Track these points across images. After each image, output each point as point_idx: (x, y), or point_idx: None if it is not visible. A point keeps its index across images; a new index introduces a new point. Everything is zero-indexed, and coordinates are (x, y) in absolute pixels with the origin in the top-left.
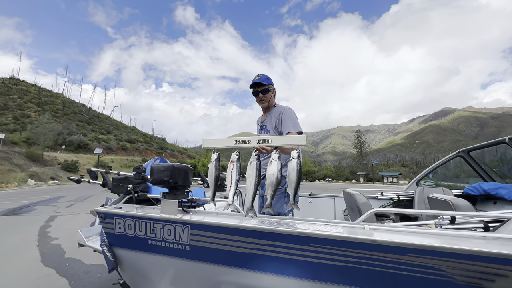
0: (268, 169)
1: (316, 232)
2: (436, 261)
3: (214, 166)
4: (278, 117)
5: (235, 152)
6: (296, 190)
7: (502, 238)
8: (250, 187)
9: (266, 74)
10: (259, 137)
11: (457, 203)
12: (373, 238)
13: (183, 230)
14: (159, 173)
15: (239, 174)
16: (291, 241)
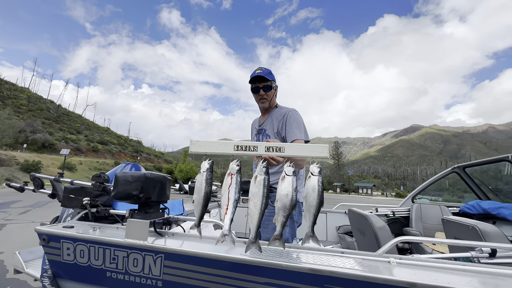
0: (280, 187)
1: (333, 269)
2: None
3: (205, 179)
4: (281, 120)
5: (235, 161)
6: (316, 217)
7: (499, 268)
8: (254, 211)
9: (269, 69)
10: (269, 144)
11: (485, 229)
12: (411, 281)
13: (154, 260)
14: (126, 184)
15: (239, 192)
16: (300, 280)
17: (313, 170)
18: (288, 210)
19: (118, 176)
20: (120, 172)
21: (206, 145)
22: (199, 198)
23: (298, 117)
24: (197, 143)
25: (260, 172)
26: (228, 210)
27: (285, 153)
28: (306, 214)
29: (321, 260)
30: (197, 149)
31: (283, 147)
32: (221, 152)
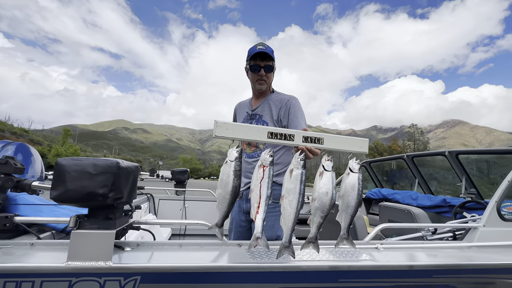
0: (319, 184)
1: (350, 263)
2: (449, 278)
3: (233, 170)
4: (283, 107)
5: (267, 151)
6: (353, 218)
7: (475, 246)
8: (290, 210)
9: (271, 47)
10: (307, 133)
11: (416, 212)
12: (410, 264)
13: (122, 286)
14: (84, 178)
15: (271, 187)
16: (323, 279)
17: (353, 167)
18: (327, 210)
19: (65, 165)
20: (63, 159)
21: (235, 129)
22: (225, 193)
23: (301, 106)
24: (224, 126)
25: (297, 165)
26: (259, 209)
27: (324, 145)
28: (342, 214)
29: (327, 256)
30: (223, 132)
31: (322, 138)
32: (252, 138)
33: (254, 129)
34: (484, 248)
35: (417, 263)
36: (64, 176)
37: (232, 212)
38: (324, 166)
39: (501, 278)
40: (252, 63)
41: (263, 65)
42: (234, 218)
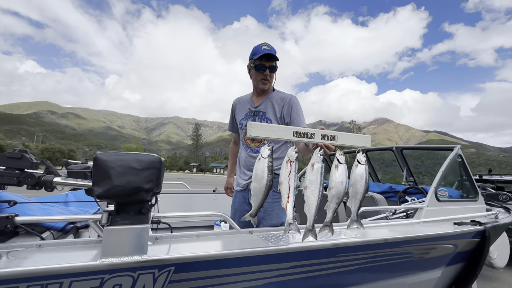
0: (335, 175)
1: (346, 240)
2: (409, 247)
3: (267, 166)
4: (285, 105)
5: (293, 148)
6: (361, 203)
7: (423, 222)
8: (312, 198)
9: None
10: (324, 132)
11: (377, 197)
12: (388, 237)
13: (155, 278)
14: (130, 173)
15: (296, 180)
16: (326, 255)
17: (360, 159)
18: (342, 197)
19: (107, 160)
20: (103, 154)
21: (266, 129)
22: (260, 187)
23: (300, 105)
24: (257, 126)
25: (318, 159)
26: (289, 198)
27: (337, 141)
28: (352, 200)
29: (326, 237)
30: (257, 132)
31: (336, 136)
32: (280, 137)
33: (282, 129)
34: (428, 223)
35: (390, 237)
36: (108, 171)
37: (235, 202)
38: (339, 160)
39: (440, 244)
40: (258, 63)
41: (268, 66)
42: (237, 208)
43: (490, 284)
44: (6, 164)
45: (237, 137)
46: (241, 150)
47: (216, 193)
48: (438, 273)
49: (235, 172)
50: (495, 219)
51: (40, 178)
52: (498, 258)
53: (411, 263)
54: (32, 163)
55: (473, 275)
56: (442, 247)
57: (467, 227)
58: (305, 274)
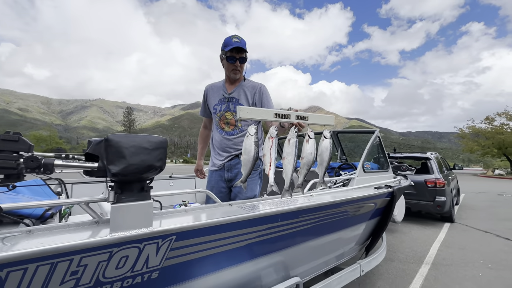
0: (305, 147)
1: (311, 203)
2: (347, 206)
3: (254, 141)
4: (256, 93)
5: (273, 127)
6: (326, 169)
7: (355, 188)
8: (289, 166)
9: (243, 39)
10: (298, 113)
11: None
12: (334, 200)
13: (158, 247)
14: (143, 153)
15: (276, 152)
16: (291, 217)
17: (325, 134)
18: (311, 164)
19: (120, 141)
20: (114, 135)
21: (252, 112)
22: (248, 158)
23: (269, 92)
24: (245, 109)
25: (293, 135)
26: (271, 166)
27: (308, 121)
28: (319, 167)
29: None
30: (245, 115)
31: (307, 116)
32: (264, 118)
33: (265, 111)
34: (359, 189)
35: (335, 200)
36: (123, 152)
37: (211, 181)
38: (309, 135)
39: (366, 203)
40: (229, 54)
41: (238, 57)
42: (213, 186)
43: (392, 235)
44: (2, 147)
45: (208, 122)
46: (215, 134)
47: (173, 178)
48: (364, 225)
49: (204, 154)
50: (399, 183)
51: (41, 161)
52: (398, 215)
53: (347, 219)
54: (29, 145)
55: (385, 225)
56: (367, 205)
57: (382, 190)
58: (276, 234)
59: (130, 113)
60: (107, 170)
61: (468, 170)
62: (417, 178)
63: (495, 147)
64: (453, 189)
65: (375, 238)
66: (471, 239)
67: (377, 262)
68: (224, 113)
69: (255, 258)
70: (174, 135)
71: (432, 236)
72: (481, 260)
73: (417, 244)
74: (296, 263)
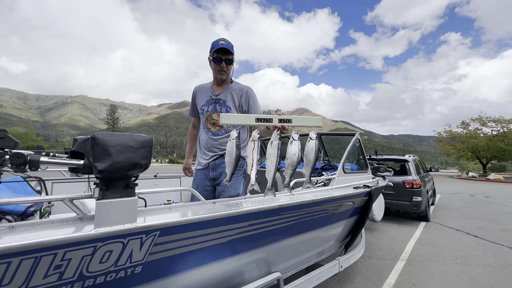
0: (289, 148)
1: (292, 201)
2: (327, 205)
3: (235, 144)
4: (243, 95)
5: (256, 130)
6: (312, 170)
7: (335, 188)
8: (271, 167)
9: (230, 42)
10: (281, 116)
11: (303, 171)
12: (314, 199)
13: (142, 243)
14: (129, 151)
15: (259, 154)
16: (273, 214)
17: (311, 136)
18: (295, 165)
19: (106, 139)
20: (100, 134)
21: (234, 118)
22: (231, 160)
23: (255, 95)
24: (227, 116)
25: (275, 138)
26: (253, 167)
27: (292, 123)
28: (306, 167)
29: (261, 202)
30: (227, 120)
31: (291, 119)
32: (246, 123)
33: (247, 117)
34: (338, 188)
35: (316, 198)
36: (109, 150)
37: (196, 180)
38: (293, 137)
39: (345, 202)
40: (215, 56)
41: (224, 58)
42: (198, 184)
43: (372, 233)
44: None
45: (196, 122)
46: (202, 133)
47: (158, 178)
48: (343, 223)
49: (192, 153)
50: (377, 184)
51: (27, 157)
52: (377, 214)
53: (327, 217)
54: (15, 142)
55: (363, 223)
56: (346, 204)
57: (360, 190)
58: (258, 230)
59: (114, 111)
60: (93, 167)
61: (445, 172)
62: (396, 179)
63: (469, 151)
64: (429, 190)
65: (354, 235)
66: (443, 237)
67: (356, 259)
68: (211, 114)
69: (237, 254)
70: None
71: (408, 234)
72: (451, 256)
73: (395, 242)
74: (277, 259)
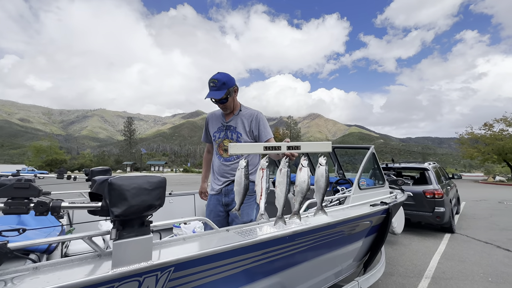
0: (299, 175)
1: (306, 226)
2: (342, 227)
3: (244, 174)
4: (253, 121)
5: (265, 158)
6: (324, 196)
7: (351, 206)
8: (280, 195)
9: (222, 74)
10: (289, 143)
11: None
12: (329, 222)
13: (157, 279)
14: (143, 194)
15: (268, 182)
16: (287, 241)
17: (321, 162)
18: (305, 192)
19: (122, 184)
20: (116, 178)
21: (242, 147)
22: (240, 189)
23: (265, 119)
24: (235, 146)
25: (284, 166)
26: (262, 196)
27: (301, 150)
28: (317, 194)
29: (283, 226)
30: (236, 150)
31: (299, 145)
32: (254, 152)
33: (255, 145)
34: (354, 206)
35: (331, 221)
36: (124, 194)
37: (209, 205)
38: (302, 164)
39: (361, 222)
40: (211, 99)
41: (219, 101)
42: (212, 210)
43: (392, 247)
44: (14, 194)
45: (210, 147)
46: (215, 159)
47: (172, 196)
48: (360, 243)
49: (209, 178)
50: (395, 199)
51: (49, 204)
52: (398, 227)
53: (343, 238)
54: (39, 191)
55: (381, 241)
56: (363, 224)
57: (378, 207)
58: (272, 258)
59: (131, 123)
60: (110, 212)
61: (469, 176)
62: (415, 189)
63: (494, 153)
64: (452, 198)
65: (373, 254)
66: (471, 251)
67: (376, 279)
68: (222, 141)
69: (253, 282)
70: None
71: (432, 248)
72: (481, 273)
73: (417, 257)
74: (294, 284)
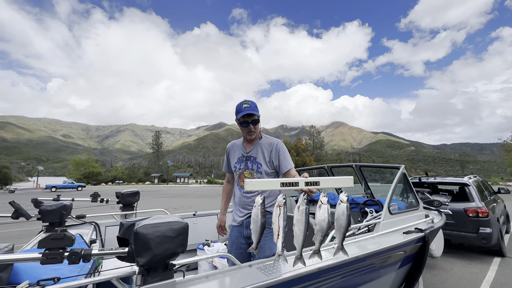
0: (318, 213)
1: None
2: (372, 259)
3: (260, 211)
4: (272, 151)
5: (281, 195)
6: (345, 236)
7: (381, 234)
8: (299, 234)
9: (253, 101)
10: (308, 179)
11: None
12: (357, 255)
13: None
14: (168, 241)
15: (286, 220)
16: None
17: (342, 199)
18: (325, 231)
19: (147, 233)
20: (142, 227)
21: (258, 184)
22: (256, 227)
23: (286, 148)
24: (251, 183)
25: (302, 203)
26: (279, 236)
27: (320, 185)
28: (337, 232)
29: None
30: (252, 187)
31: (318, 181)
32: (270, 188)
33: (272, 181)
34: (385, 234)
35: (359, 254)
36: (149, 243)
37: (231, 236)
38: (321, 201)
39: (394, 253)
40: (242, 120)
41: (250, 121)
42: (234, 241)
43: (431, 272)
44: (50, 245)
45: (231, 177)
46: (236, 190)
47: (196, 216)
48: (393, 276)
49: (227, 209)
50: (432, 223)
51: (81, 253)
52: (436, 250)
53: (374, 271)
54: (72, 240)
55: (418, 272)
56: (395, 255)
57: (412, 235)
58: None
59: (158, 137)
60: (136, 261)
61: None
62: (455, 207)
63: None
64: (500, 216)
65: (408, 286)
66: None
67: None
68: (243, 172)
69: None
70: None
71: (479, 275)
72: None
73: (462, 285)
74: None
